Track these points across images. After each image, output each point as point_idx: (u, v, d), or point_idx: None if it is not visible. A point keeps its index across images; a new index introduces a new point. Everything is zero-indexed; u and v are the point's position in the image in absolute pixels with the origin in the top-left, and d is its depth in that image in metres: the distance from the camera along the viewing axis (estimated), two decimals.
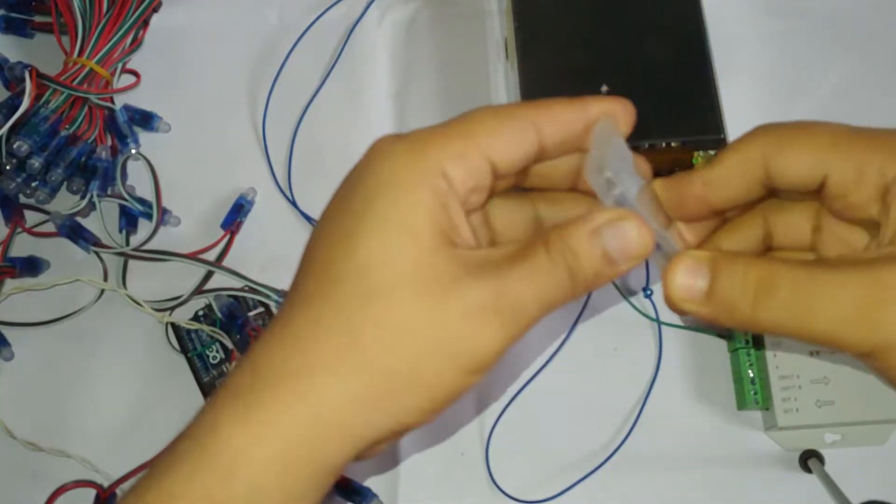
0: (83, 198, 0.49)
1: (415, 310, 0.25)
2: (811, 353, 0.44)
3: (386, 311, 0.25)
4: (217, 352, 0.47)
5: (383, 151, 0.27)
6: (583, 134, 0.28)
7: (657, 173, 0.31)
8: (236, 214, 0.50)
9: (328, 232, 0.27)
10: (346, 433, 0.25)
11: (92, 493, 0.44)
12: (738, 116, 0.47)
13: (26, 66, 0.49)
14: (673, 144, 0.45)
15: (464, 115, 0.27)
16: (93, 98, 0.50)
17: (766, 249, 0.31)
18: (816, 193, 0.28)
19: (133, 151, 0.51)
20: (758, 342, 0.44)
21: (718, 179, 0.28)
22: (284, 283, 0.48)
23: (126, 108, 0.52)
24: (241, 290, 0.48)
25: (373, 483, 0.45)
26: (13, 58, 0.52)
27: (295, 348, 0.25)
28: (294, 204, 0.51)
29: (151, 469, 0.27)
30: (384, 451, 0.28)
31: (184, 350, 0.47)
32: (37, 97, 0.48)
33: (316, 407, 0.25)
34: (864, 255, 0.26)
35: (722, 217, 0.31)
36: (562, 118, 0.27)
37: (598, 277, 0.26)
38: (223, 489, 0.25)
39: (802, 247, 0.30)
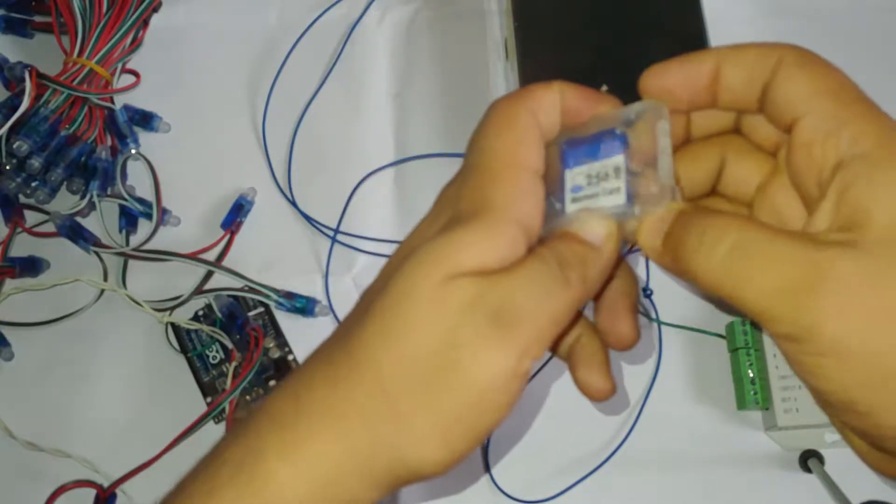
0: (83, 198, 0.49)
1: (423, 347, 0.24)
2: None
3: (402, 351, 0.25)
4: (217, 352, 0.47)
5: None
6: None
7: None
8: (236, 214, 0.50)
9: (378, 276, 0.27)
10: (370, 475, 0.25)
11: (92, 493, 0.44)
12: None
13: (26, 66, 0.49)
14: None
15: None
16: (93, 98, 0.50)
17: (711, 191, 0.30)
18: (788, 130, 0.26)
19: (133, 151, 0.51)
20: (757, 341, 0.44)
21: (733, 62, 0.27)
22: (284, 283, 0.48)
23: (126, 108, 0.52)
24: (241, 290, 0.48)
25: None
26: (13, 58, 0.52)
27: (330, 390, 0.26)
28: (294, 204, 0.51)
29: (189, 488, 0.27)
30: None
31: (184, 350, 0.47)
32: (37, 97, 0.48)
33: (349, 450, 0.25)
34: (809, 232, 0.25)
35: (687, 135, 0.29)
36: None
37: (584, 262, 0.26)
38: None
39: (742, 200, 0.29)
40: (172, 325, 0.48)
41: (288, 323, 0.48)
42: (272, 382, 0.47)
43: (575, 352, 0.29)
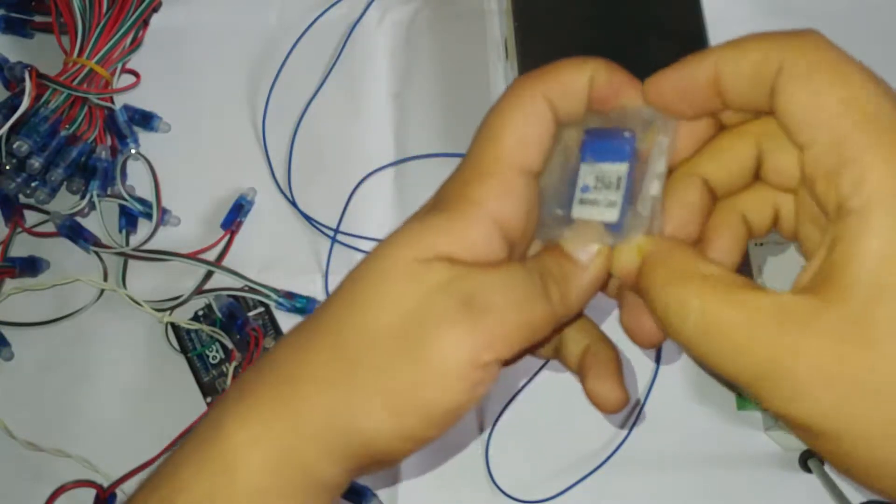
0: (83, 198, 0.49)
1: (391, 320, 0.25)
2: None
3: (365, 322, 0.25)
4: (217, 352, 0.47)
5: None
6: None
7: None
8: (236, 214, 0.50)
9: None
10: (328, 452, 0.25)
11: (92, 493, 0.44)
12: None
13: (26, 66, 0.49)
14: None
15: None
16: (93, 98, 0.50)
17: (757, 180, 0.26)
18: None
19: (133, 151, 0.51)
20: None
21: (732, 66, 0.24)
22: (284, 283, 0.48)
23: (126, 108, 0.52)
24: (241, 289, 0.48)
25: (373, 483, 0.45)
26: (13, 58, 0.52)
27: (291, 355, 0.26)
28: (294, 204, 0.51)
29: (162, 464, 0.27)
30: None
31: (184, 350, 0.47)
32: (37, 97, 0.48)
33: (300, 414, 0.25)
34: (795, 285, 0.22)
35: (717, 124, 0.26)
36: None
37: (567, 281, 0.26)
38: (227, 487, 0.25)
39: (787, 188, 0.25)
40: (172, 325, 0.48)
41: (288, 323, 0.48)
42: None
43: (586, 362, 0.29)
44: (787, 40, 0.23)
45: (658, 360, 0.46)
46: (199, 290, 0.48)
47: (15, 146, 0.47)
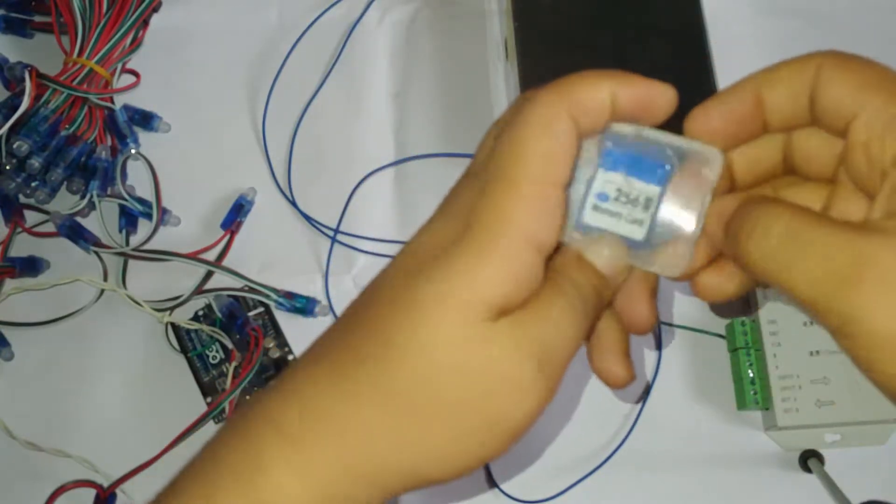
0: (83, 198, 0.49)
1: (462, 388, 0.25)
2: (811, 353, 0.44)
3: (434, 390, 0.25)
4: (217, 352, 0.47)
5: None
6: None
7: None
8: (236, 214, 0.50)
9: (387, 283, 0.27)
10: (378, 485, 0.26)
11: (92, 493, 0.44)
12: None
13: (26, 66, 0.49)
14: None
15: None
16: (92, 98, 0.50)
17: (788, 172, 0.28)
18: (844, 135, 0.25)
19: (133, 151, 0.51)
20: (757, 341, 0.44)
21: (772, 83, 0.26)
22: (284, 283, 0.48)
23: (126, 107, 0.52)
24: (241, 289, 0.48)
25: None
26: (13, 58, 0.52)
27: (345, 404, 0.25)
28: (294, 204, 0.51)
29: (186, 489, 0.26)
30: None
31: (184, 350, 0.47)
32: (37, 97, 0.48)
33: (359, 462, 0.25)
34: (855, 217, 0.25)
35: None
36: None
37: (602, 299, 0.27)
38: None
39: (822, 179, 0.28)
40: (172, 325, 0.48)
41: (288, 323, 0.48)
42: (272, 383, 0.47)
43: (594, 339, 0.29)
44: (816, 52, 0.26)
45: (658, 360, 0.46)
46: (199, 290, 0.48)
47: (15, 146, 0.47)
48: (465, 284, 0.24)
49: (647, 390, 0.46)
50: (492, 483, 0.45)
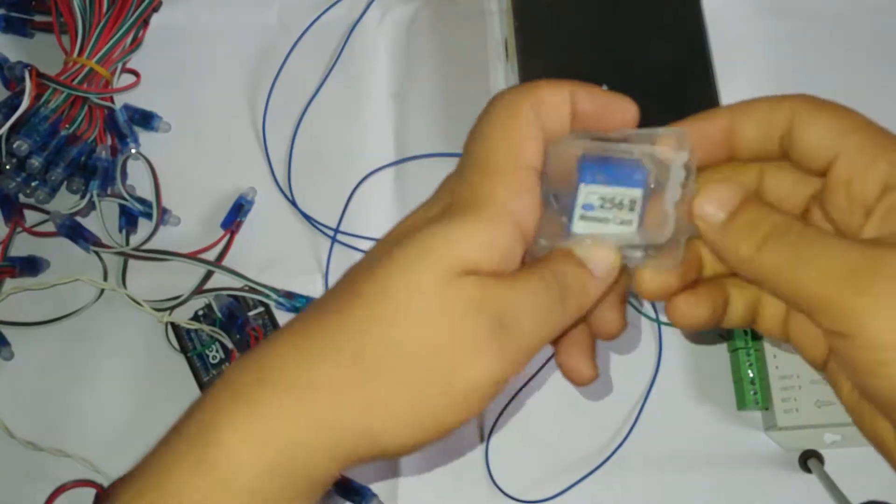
0: (83, 197, 0.49)
1: (418, 339, 0.25)
2: None
3: (391, 336, 0.25)
4: (217, 351, 0.47)
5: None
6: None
7: None
8: (236, 214, 0.50)
9: (365, 256, 0.28)
10: (336, 451, 0.25)
11: (92, 492, 0.44)
12: None
13: (26, 65, 0.49)
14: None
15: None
16: (93, 97, 0.50)
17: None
18: (822, 174, 0.27)
19: (133, 151, 0.51)
20: (756, 338, 0.44)
21: (745, 116, 0.28)
22: (284, 283, 0.48)
23: (126, 107, 0.52)
24: (241, 289, 0.48)
25: (373, 483, 0.45)
26: (13, 57, 0.52)
27: (302, 361, 0.26)
28: (294, 204, 0.51)
29: (146, 465, 0.27)
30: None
31: (184, 350, 0.47)
32: (37, 97, 0.48)
33: (315, 422, 0.25)
34: (863, 235, 0.26)
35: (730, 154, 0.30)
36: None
37: (585, 292, 0.27)
38: (223, 495, 0.25)
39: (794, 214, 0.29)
40: (172, 324, 0.48)
41: None
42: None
43: (560, 337, 0.30)
44: (791, 95, 0.27)
45: (658, 360, 0.46)
46: (199, 290, 0.48)
47: (15, 146, 0.47)
48: (439, 243, 0.25)
49: (647, 390, 0.46)
50: (492, 483, 0.45)
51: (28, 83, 0.48)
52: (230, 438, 0.25)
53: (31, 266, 0.49)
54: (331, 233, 0.50)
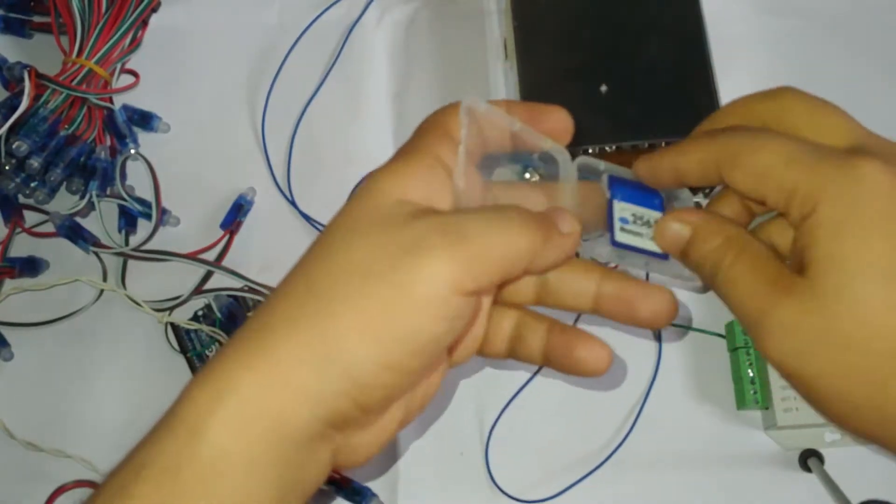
0: (82, 198, 0.49)
1: (363, 250, 0.25)
2: None
3: (340, 258, 0.26)
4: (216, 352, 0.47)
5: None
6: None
7: None
8: (236, 214, 0.50)
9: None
10: (301, 393, 0.25)
11: (91, 493, 0.44)
12: None
13: (25, 66, 0.49)
14: (673, 144, 0.45)
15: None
16: (92, 98, 0.50)
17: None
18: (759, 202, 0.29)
19: (132, 151, 0.51)
20: None
21: (684, 166, 0.30)
22: None
23: (125, 108, 0.52)
24: (241, 290, 0.48)
25: (373, 483, 0.45)
26: (12, 58, 0.52)
27: (264, 308, 0.26)
28: (293, 204, 0.51)
29: (135, 451, 0.26)
30: (373, 451, 0.28)
31: (183, 350, 0.47)
32: (36, 97, 0.48)
33: (270, 364, 0.25)
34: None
35: None
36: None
37: (548, 217, 0.28)
38: (189, 451, 0.24)
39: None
40: (172, 325, 0.48)
41: None
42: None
43: (555, 341, 0.30)
44: (722, 134, 0.30)
45: (658, 360, 0.46)
46: (198, 291, 0.48)
47: (14, 146, 0.47)
48: (372, 182, 0.27)
49: (647, 390, 0.46)
50: (492, 483, 0.45)
51: (27, 84, 0.48)
52: (194, 394, 0.25)
53: (31, 267, 0.49)
54: None
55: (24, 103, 0.47)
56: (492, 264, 0.26)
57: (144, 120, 0.52)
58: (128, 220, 0.50)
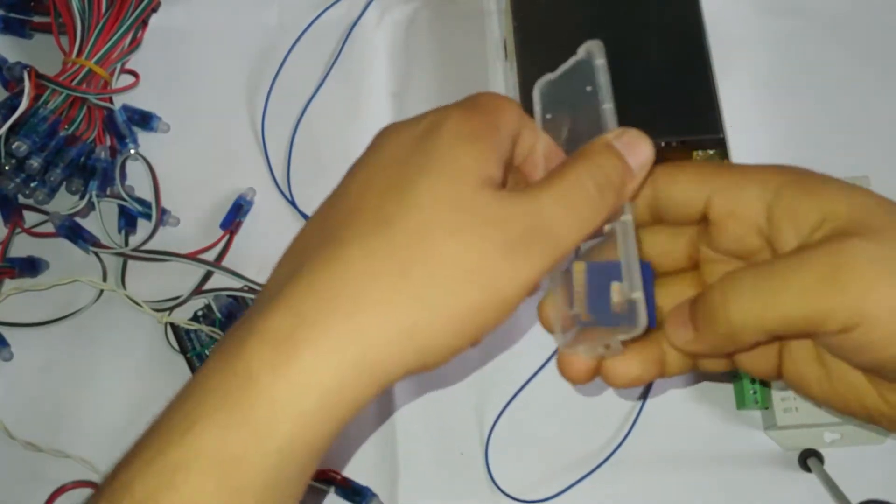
0: (82, 198, 0.49)
1: (458, 245, 0.26)
2: None
3: (433, 246, 0.26)
4: None
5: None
6: None
7: None
8: (235, 214, 0.50)
9: (378, 179, 0.29)
10: (380, 373, 0.26)
11: (91, 493, 0.44)
12: (736, 116, 0.47)
13: (25, 66, 0.49)
14: (673, 144, 0.45)
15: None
16: (91, 98, 0.50)
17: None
18: (696, 221, 0.30)
19: (132, 151, 0.51)
20: None
21: (665, 192, 0.30)
22: None
23: (125, 108, 0.52)
24: (241, 290, 0.48)
25: (373, 483, 0.45)
26: (12, 58, 0.52)
27: (348, 285, 0.26)
28: (293, 204, 0.51)
29: (167, 419, 0.26)
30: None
31: (183, 350, 0.47)
32: (36, 97, 0.48)
33: (362, 346, 0.25)
34: (808, 242, 0.27)
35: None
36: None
37: (622, 187, 0.28)
38: (257, 446, 0.24)
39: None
40: (172, 325, 0.48)
41: None
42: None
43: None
44: (704, 167, 0.31)
45: None
46: (198, 291, 0.48)
47: (14, 146, 0.47)
48: (452, 159, 0.27)
49: (646, 390, 0.46)
50: (492, 483, 0.45)
51: (27, 84, 0.48)
52: (270, 385, 0.24)
53: (31, 267, 0.49)
54: None
55: (24, 103, 0.47)
56: (571, 246, 0.27)
57: (144, 120, 0.52)
58: (128, 221, 0.50)
